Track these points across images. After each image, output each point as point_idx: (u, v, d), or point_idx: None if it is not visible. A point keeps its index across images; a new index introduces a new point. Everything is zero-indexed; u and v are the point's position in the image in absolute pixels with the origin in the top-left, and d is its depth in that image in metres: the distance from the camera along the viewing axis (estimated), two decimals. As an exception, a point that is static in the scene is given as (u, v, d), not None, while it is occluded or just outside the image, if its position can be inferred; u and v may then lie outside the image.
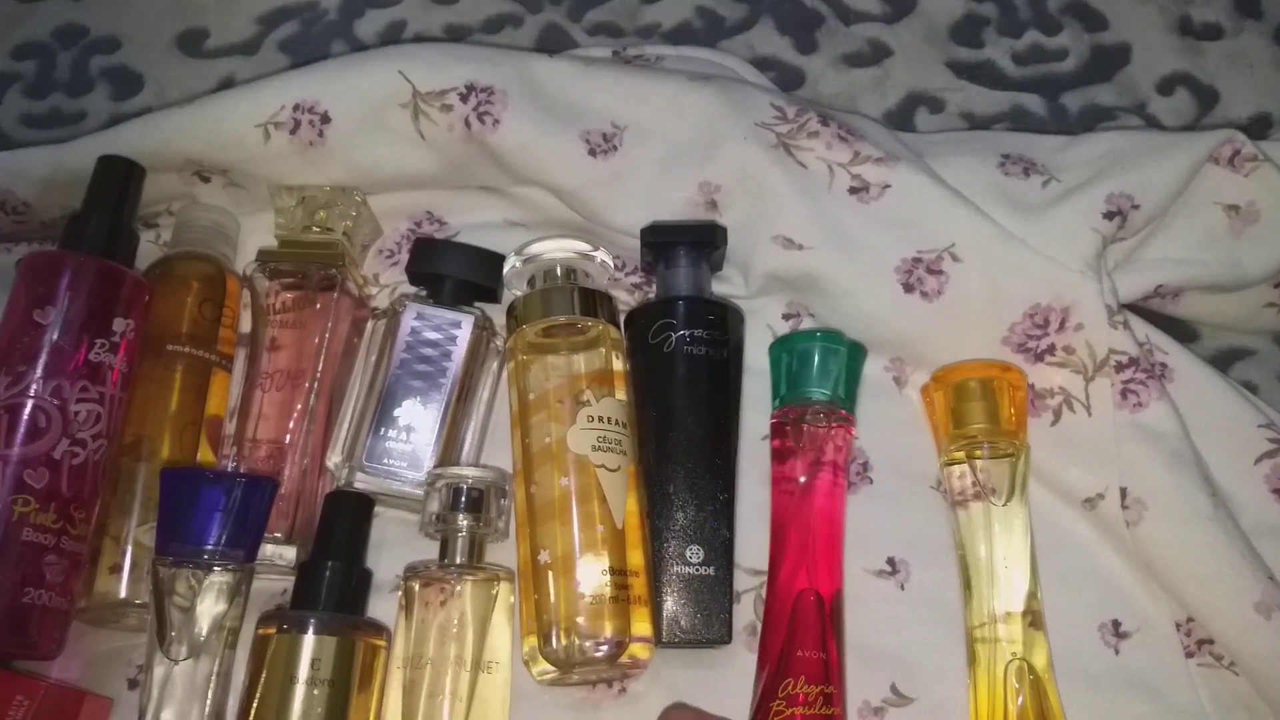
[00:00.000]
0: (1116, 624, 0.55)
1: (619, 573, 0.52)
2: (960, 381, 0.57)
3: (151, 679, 0.49)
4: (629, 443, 0.55)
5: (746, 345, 0.61)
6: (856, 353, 0.58)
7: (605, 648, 0.50)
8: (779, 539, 0.55)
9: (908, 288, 0.59)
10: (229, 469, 0.56)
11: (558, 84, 0.64)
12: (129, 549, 0.54)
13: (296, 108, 0.62)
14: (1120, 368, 0.56)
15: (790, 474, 0.55)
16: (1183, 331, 0.64)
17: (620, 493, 0.53)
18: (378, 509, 0.57)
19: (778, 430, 0.57)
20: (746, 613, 0.55)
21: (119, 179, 0.60)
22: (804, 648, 0.51)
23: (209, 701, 0.49)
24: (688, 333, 0.58)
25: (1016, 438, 0.56)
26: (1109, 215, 0.58)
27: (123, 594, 0.53)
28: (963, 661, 0.53)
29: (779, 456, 0.56)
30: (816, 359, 0.57)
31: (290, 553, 0.55)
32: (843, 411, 0.56)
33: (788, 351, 0.58)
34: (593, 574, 0.51)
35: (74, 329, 0.54)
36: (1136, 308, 0.61)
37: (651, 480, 0.55)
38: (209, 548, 0.50)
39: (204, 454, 0.58)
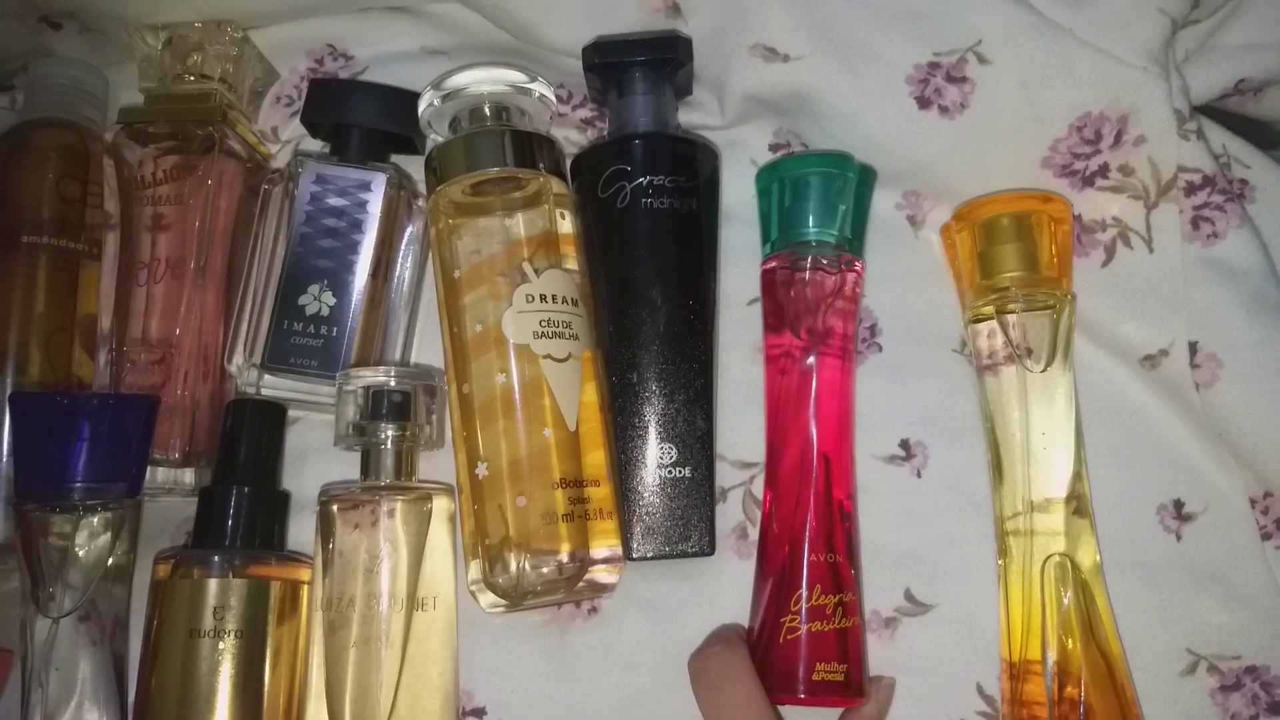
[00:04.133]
0: (1179, 505, 0.46)
1: (573, 484, 0.43)
2: (989, 218, 0.47)
3: (32, 638, 0.42)
4: (582, 324, 0.45)
5: (725, 188, 0.51)
6: (865, 179, 0.48)
7: (561, 573, 0.42)
8: (777, 425, 0.46)
9: (923, 101, 0.48)
10: (106, 381, 0.47)
11: None
12: (4, 481, 0.46)
13: (139, -79, 0.49)
14: (1191, 189, 0.46)
15: (787, 340, 0.46)
16: (1265, 135, 0.51)
17: (572, 387, 0.44)
18: (294, 414, 0.49)
19: (769, 284, 0.47)
20: (734, 513, 0.47)
21: (-71, 34, 0.48)
22: (814, 551, 0.43)
23: (100, 655, 0.42)
24: (647, 180, 0.47)
25: (1059, 286, 0.46)
26: (1180, -11, 0.45)
27: (2, 538, 0.46)
28: (991, 560, 0.45)
29: (772, 318, 0.47)
30: (816, 190, 0.47)
31: (188, 476, 0.47)
32: (850, 256, 0.46)
33: (779, 181, 0.47)
34: (542, 487, 0.42)
35: (-114, 228, 0.44)
36: (1209, 109, 0.49)
37: (612, 368, 0.46)
38: (79, 484, 0.42)
39: (80, 363, 0.49)
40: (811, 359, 0.45)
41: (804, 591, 0.43)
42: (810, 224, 0.47)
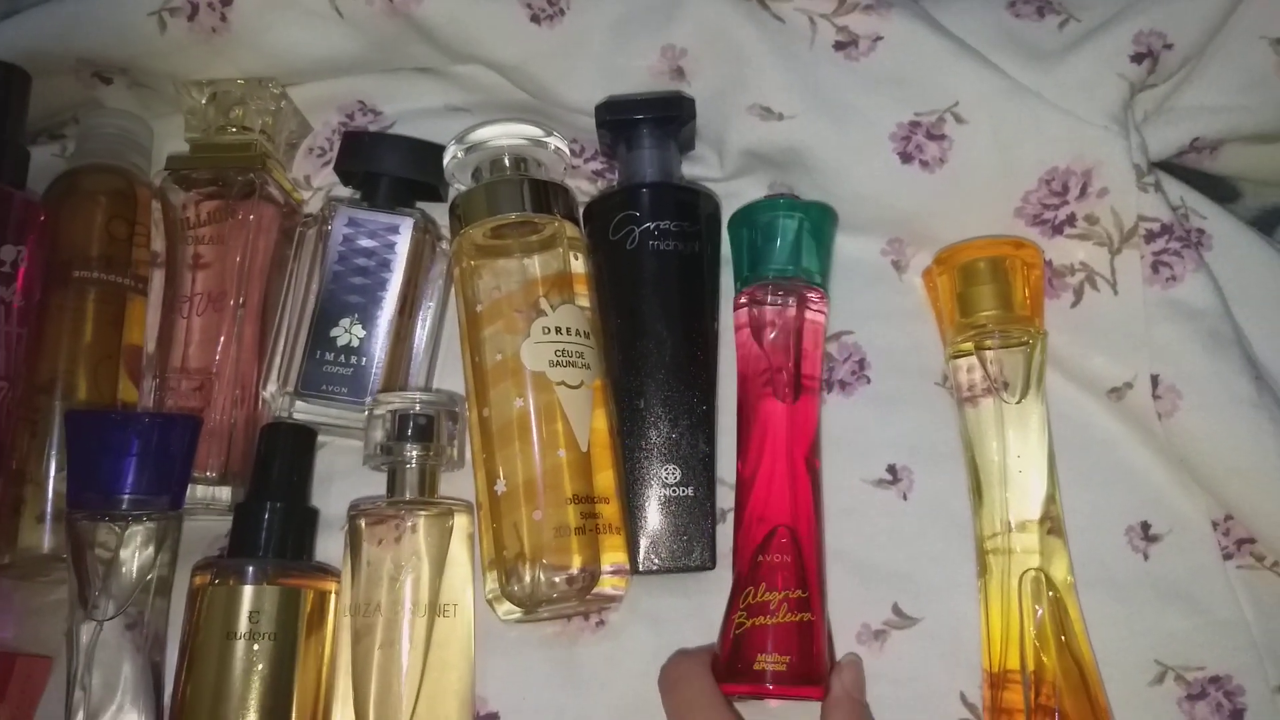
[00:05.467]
0: (1146, 526, 0.49)
1: (585, 500, 0.46)
2: (967, 262, 0.50)
3: (78, 640, 0.45)
4: (593, 355, 0.49)
5: (724, 233, 0.54)
6: (822, 216, 0.51)
7: (572, 584, 0.45)
8: (748, 441, 0.49)
9: (905, 157, 0.52)
10: (149, 405, 0.51)
11: (490, -61, 0.55)
12: (50, 497, 0.49)
13: (192, -12, 0.54)
14: (1151, 237, 0.49)
15: (755, 363, 0.49)
16: (1221, 190, 0.56)
17: (584, 411, 0.48)
18: (323, 438, 0.52)
19: (740, 315, 0.51)
20: (732, 531, 0.50)
21: (-1, 87, 0.53)
22: (770, 552, 0.46)
23: (141, 660, 0.45)
24: (653, 225, 0.51)
25: (1032, 324, 0.49)
26: (1137, 58, 0.50)
27: (46, 547, 0.49)
28: (973, 576, 0.48)
29: (743, 343, 0.50)
30: (773, 230, 0.50)
31: (225, 494, 0.50)
32: (806, 287, 0.49)
33: (747, 226, 0.51)
34: (555, 503, 0.46)
35: (-46, 261, 0.48)
36: (1168, 165, 0.54)
37: (620, 395, 0.50)
38: (127, 496, 0.45)
39: (125, 389, 0.52)
40: (781, 380, 0.48)
41: (752, 589, 0.46)
42: (772, 261, 0.50)
